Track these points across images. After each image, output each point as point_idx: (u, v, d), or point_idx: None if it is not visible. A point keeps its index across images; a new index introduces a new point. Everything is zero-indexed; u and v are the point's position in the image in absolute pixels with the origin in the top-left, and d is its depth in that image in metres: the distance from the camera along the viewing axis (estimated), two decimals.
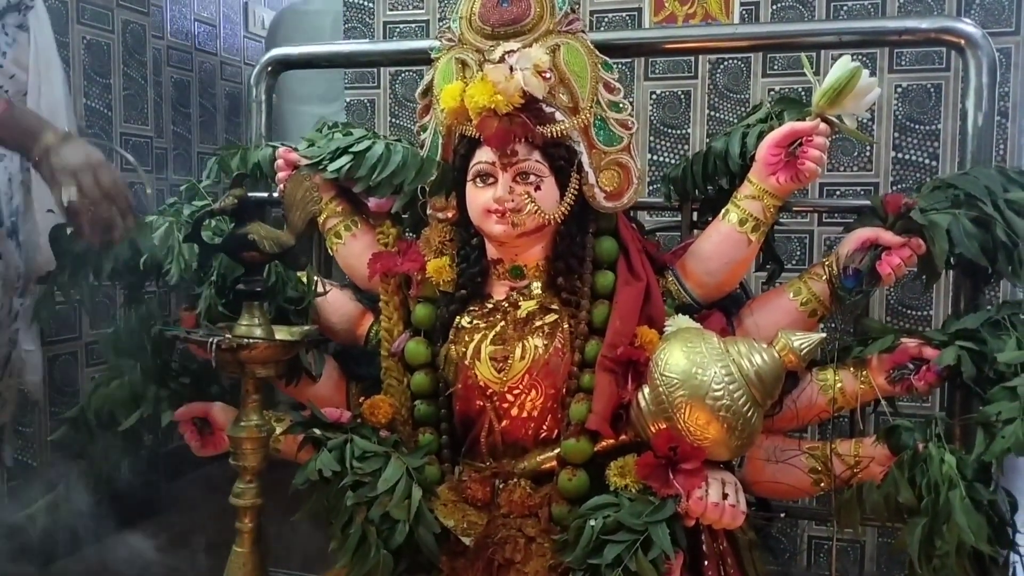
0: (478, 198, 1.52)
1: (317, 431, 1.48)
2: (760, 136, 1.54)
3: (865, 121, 2.55)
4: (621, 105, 1.55)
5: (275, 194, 1.79)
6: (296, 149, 1.74)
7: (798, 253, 2.83)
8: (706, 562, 1.46)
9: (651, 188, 2.58)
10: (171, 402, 1.73)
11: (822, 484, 1.53)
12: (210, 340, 1.41)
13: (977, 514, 1.31)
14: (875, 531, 2.89)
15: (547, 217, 1.50)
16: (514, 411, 1.53)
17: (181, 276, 1.62)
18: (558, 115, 1.49)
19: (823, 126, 1.47)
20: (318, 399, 1.62)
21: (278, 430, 1.59)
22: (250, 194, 1.72)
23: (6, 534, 2.70)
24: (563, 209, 1.52)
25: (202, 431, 1.70)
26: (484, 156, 1.50)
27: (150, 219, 1.72)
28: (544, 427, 1.54)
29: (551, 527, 1.48)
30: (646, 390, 1.44)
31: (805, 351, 1.41)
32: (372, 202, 1.72)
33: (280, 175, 1.72)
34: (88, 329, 3.08)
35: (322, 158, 1.68)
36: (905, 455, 1.40)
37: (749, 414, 1.39)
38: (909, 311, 2.75)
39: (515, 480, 1.53)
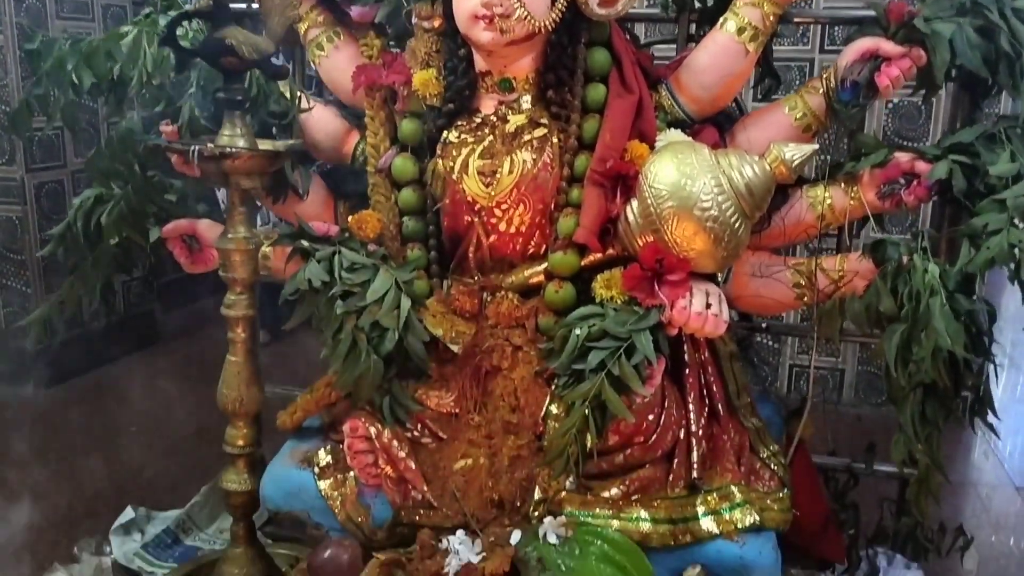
0: (465, 3, 1.45)
1: (305, 243, 1.48)
2: None
3: None
4: None
5: (254, 4, 1.72)
6: None
7: (797, 81, 2.76)
8: (687, 370, 1.50)
9: None
10: (158, 220, 1.72)
11: (805, 298, 1.55)
12: (191, 148, 1.39)
13: (956, 322, 1.34)
14: (855, 359, 2.98)
15: (537, 24, 1.44)
16: (502, 226, 1.53)
17: (142, 85, 1.57)
18: None
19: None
20: (306, 217, 1.61)
21: (266, 244, 1.59)
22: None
23: (4, 357, 2.77)
24: (554, 16, 1.45)
25: (191, 248, 1.70)
26: None
27: (124, 29, 1.65)
28: (532, 243, 1.54)
29: (537, 337, 1.51)
30: (634, 203, 1.43)
31: (796, 162, 1.39)
32: (355, 11, 1.64)
33: None
34: (73, 157, 3.03)
35: None
36: (889, 266, 1.41)
37: (736, 226, 1.39)
38: (905, 142, 2.72)
39: (502, 293, 1.54)
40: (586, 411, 1.36)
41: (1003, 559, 2.10)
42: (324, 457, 1.50)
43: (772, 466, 1.51)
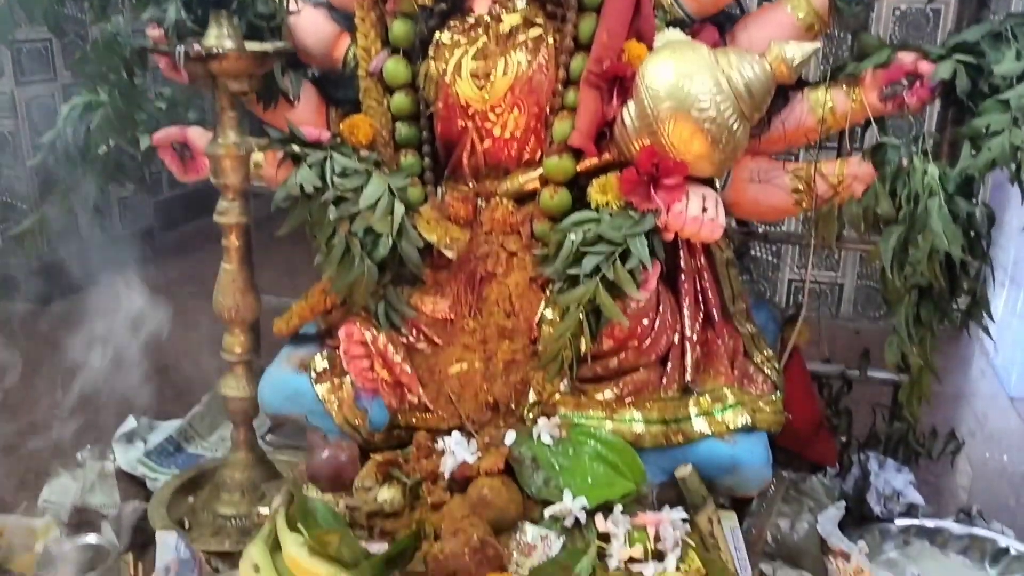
0: None
1: (296, 148, 1.45)
2: None
3: None
4: None
5: None
6: None
7: None
8: (682, 276, 1.50)
9: None
10: (148, 128, 1.70)
11: (803, 204, 1.53)
12: (177, 50, 1.35)
13: (954, 224, 1.32)
14: (854, 273, 2.98)
15: None
16: (496, 131, 1.51)
17: None
18: None
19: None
20: (297, 124, 1.58)
21: (257, 151, 1.56)
22: None
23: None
24: None
25: (182, 156, 1.68)
26: None
27: None
28: (527, 148, 1.52)
29: (532, 243, 1.51)
30: (631, 105, 1.40)
31: (798, 61, 1.36)
32: None
33: None
34: (64, 70, 2.98)
35: None
36: (888, 169, 1.39)
37: (735, 127, 1.37)
38: None
39: (497, 199, 1.53)
40: (581, 316, 1.36)
41: (995, 470, 2.14)
42: (321, 362, 1.51)
43: (766, 370, 1.52)
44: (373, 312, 1.47)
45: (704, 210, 1.38)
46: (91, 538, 1.56)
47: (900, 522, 1.70)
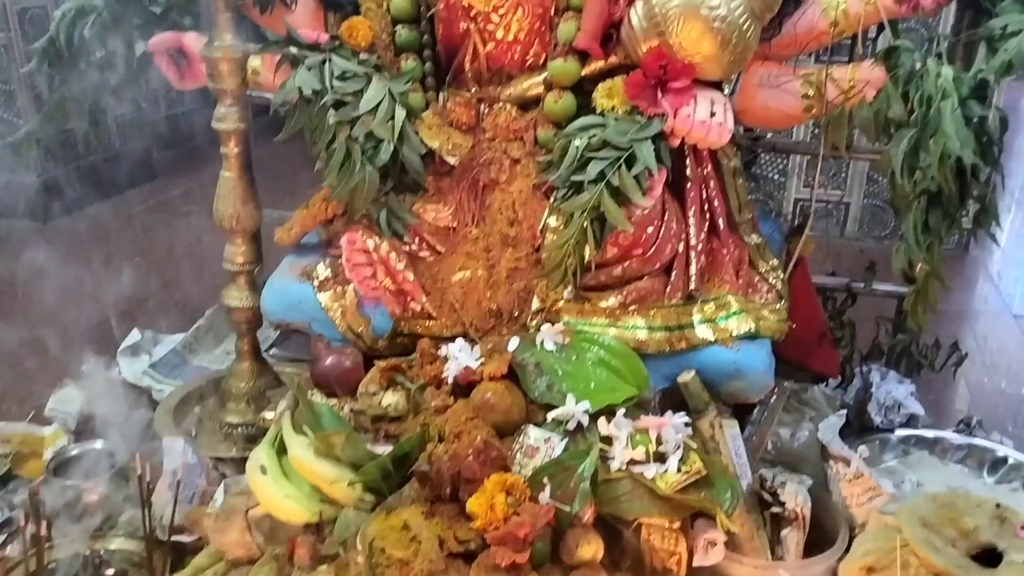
0: None
1: (294, 50, 1.42)
2: None
3: None
4: None
5: None
6: None
7: None
8: (688, 184, 1.48)
9: None
10: (143, 35, 1.65)
11: (813, 111, 1.49)
12: None
13: (966, 128, 1.29)
14: (860, 192, 2.95)
15: None
16: (499, 33, 1.47)
17: None
18: None
19: None
20: (295, 27, 1.54)
21: (254, 54, 1.52)
22: None
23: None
24: None
25: (178, 63, 1.64)
26: None
27: None
28: (531, 51, 1.49)
29: (536, 150, 1.48)
30: (639, 5, 1.36)
31: None
32: None
33: None
34: None
35: None
36: (901, 72, 1.35)
37: (745, 27, 1.33)
38: None
39: (500, 104, 1.50)
40: (585, 223, 1.34)
41: (996, 384, 2.15)
42: (323, 271, 1.50)
43: (770, 280, 1.51)
44: (375, 220, 1.45)
45: (712, 114, 1.36)
46: (98, 444, 1.58)
47: (900, 432, 1.72)
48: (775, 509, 1.38)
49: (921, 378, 1.80)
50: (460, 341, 1.38)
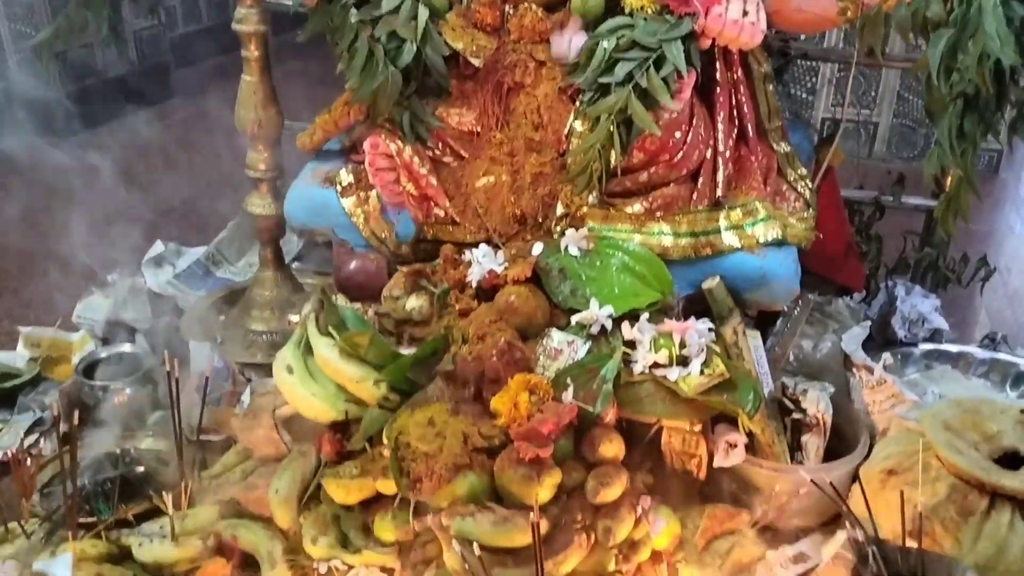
0: None
1: None
2: None
3: None
4: None
5: None
6: None
7: None
8: (718, 89, 1.45)
9: None
10: None
11: (848, 13, 1.44)
12: None
13: (1007, 28, 1.25)
14: (890, 112, 2.89)
15: None
16: None
17: None
18: None
19: None
20: None
21: None
22: None
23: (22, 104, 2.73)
24: None
25: None
26: None
27: None
28: None
29: None
30: None
31: None
32: None
33: None
34: None
35: None
36: None
37: None
38: None
39: (526, 5, 1.45)
40: (611, 126, 1.32)
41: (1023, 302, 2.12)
42: (346, 176, 1.49)
43: (799, 188, 1.49)
44: (398, 123, 1.43)
45: (744, 13, 1.32)
46: (126, 347, 1.61)
47: (923, 347, 1.71)
48: (796, 416, 1.38)
49: (946, 294, 1.79)
50: (484, 247, 1.37)
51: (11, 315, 1.88)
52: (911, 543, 1.07)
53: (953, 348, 1.70)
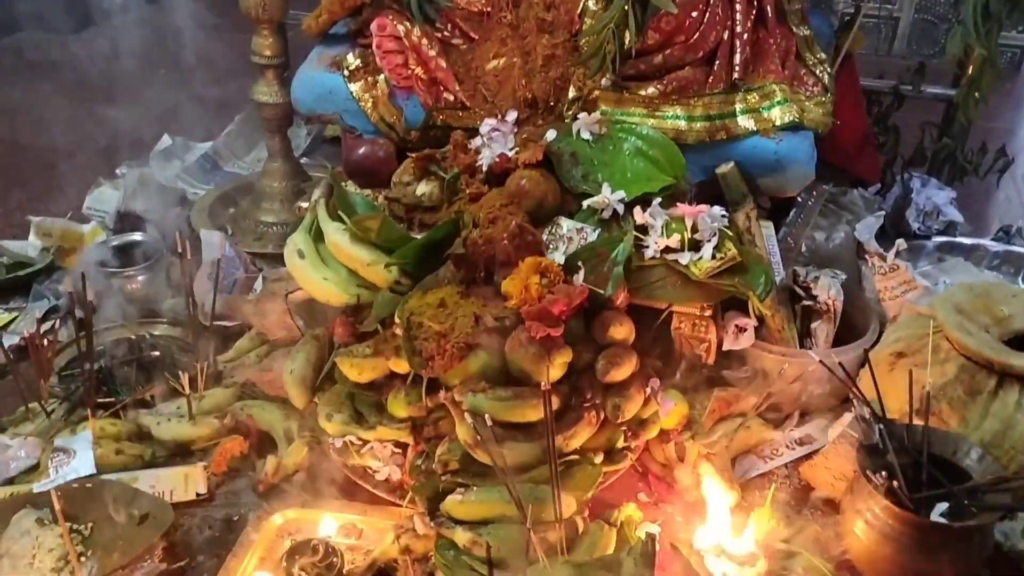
0: None
1: None
2: None
3: None
4: None
5: None
6: None
7: None
8: None
9: None
10: None
11: None
12: None
13: None
14: (911, 7, 2.80)
15: None
16: None
17: None
18: None
19: None
20: None
21: None
22: None
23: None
24: None
25: None
26: None
27: None
28: None
29: None
30: None
31: None
32: None
33: None
34: None
35: None
36: None
37: None
38: None
39: None
40: (626, 5, 1.28)
41: None
42: (353, 60, 1.46)
43: (817, 73, 1.45)
44: (405, 4, 1.40)
45: None
46: (137, 236, 1.61)
47: (936, 239, 1.70)
48: (806, 303, 1.38)
49: (963, 187, 1.76)
50: (489, 120, 1.34)
51: (22, 208, 1.88)
52: (918, 422, 1.09)
53: (967, 240, 1.69)
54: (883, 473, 1.01)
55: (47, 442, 1.24)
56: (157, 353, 1.44)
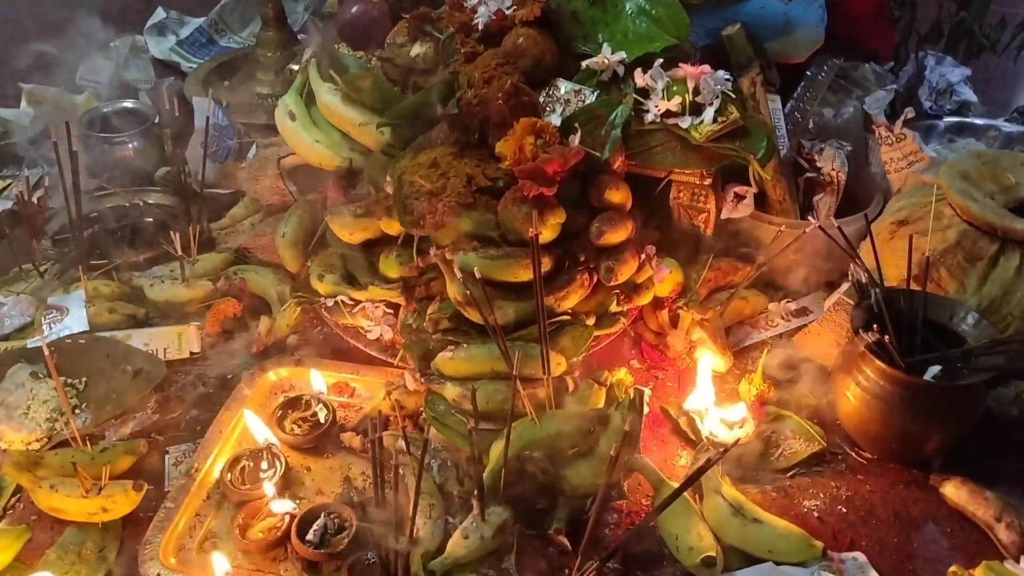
0: None
1: None
2: None
3: None
4: None
5: None
6: None
7: None
8: None
9: None
10: None
11: None
12: None
13: None
14: None
15: None
16: None
17: None
18: None
19: None
20: None
21: None
22: None
23: None
24: None
25: None
26: None
27: None
28: None
29: None
30: None
31: None
32: None
33: None
34: None
35: None
36: None
37: None
38: None
39: None
40: None
41: None
42: None
43: None
44: None
45: None
46: (129, 103, 1.58)
47: (948, 119, 1.65)
48: (810, 175, 1.35)
49: (980, 66, 1.70)
50: None
51: (15, 78, 1.84)
52: (916, 288, 1.07)
53: (980, 120, 1.64)
54: (875, 326, 1.00)
55: (40, 300, 1.24)
56: (150, 220, 1.43)
